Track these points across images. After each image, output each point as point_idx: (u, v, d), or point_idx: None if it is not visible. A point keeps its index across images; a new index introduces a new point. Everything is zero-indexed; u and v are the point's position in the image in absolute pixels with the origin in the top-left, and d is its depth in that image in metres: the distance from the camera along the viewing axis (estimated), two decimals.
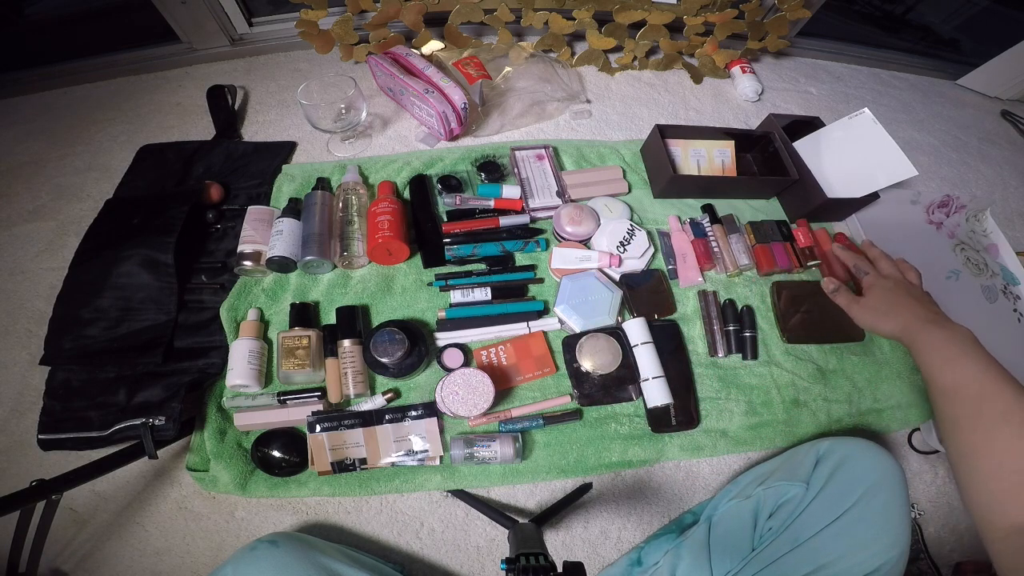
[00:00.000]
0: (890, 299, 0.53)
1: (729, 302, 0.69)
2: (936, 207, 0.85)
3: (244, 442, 0.58)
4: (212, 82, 0.90)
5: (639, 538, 0.59)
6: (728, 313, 0.68)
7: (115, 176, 0.79)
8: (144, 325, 0.63)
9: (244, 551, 0.46)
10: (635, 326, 0.62)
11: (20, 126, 0.89)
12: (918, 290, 0.56)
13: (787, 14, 0.94)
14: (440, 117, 0.77)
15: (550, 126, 0.90)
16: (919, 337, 0.49)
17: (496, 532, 0.58)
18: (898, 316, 0.52)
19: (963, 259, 0.81)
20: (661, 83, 1.01)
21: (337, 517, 0.58)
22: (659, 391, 0.59)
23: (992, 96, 1.19)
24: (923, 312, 0.51)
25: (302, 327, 0.61)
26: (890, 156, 0.72)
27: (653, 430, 0.61)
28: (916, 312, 0.51)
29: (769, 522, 0.50)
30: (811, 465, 0.51)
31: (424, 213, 0.72)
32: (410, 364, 0.58)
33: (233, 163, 0.79)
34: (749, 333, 0.67)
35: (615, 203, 0.75)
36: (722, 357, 0.66)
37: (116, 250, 0.66)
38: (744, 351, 0.67)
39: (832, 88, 1.10)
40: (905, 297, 0.53)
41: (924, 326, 0.49)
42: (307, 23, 0.87)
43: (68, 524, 0.56)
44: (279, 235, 0.65)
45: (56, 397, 0.59)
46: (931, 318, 0.50)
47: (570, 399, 0.61)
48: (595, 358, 0.59)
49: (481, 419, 0.58)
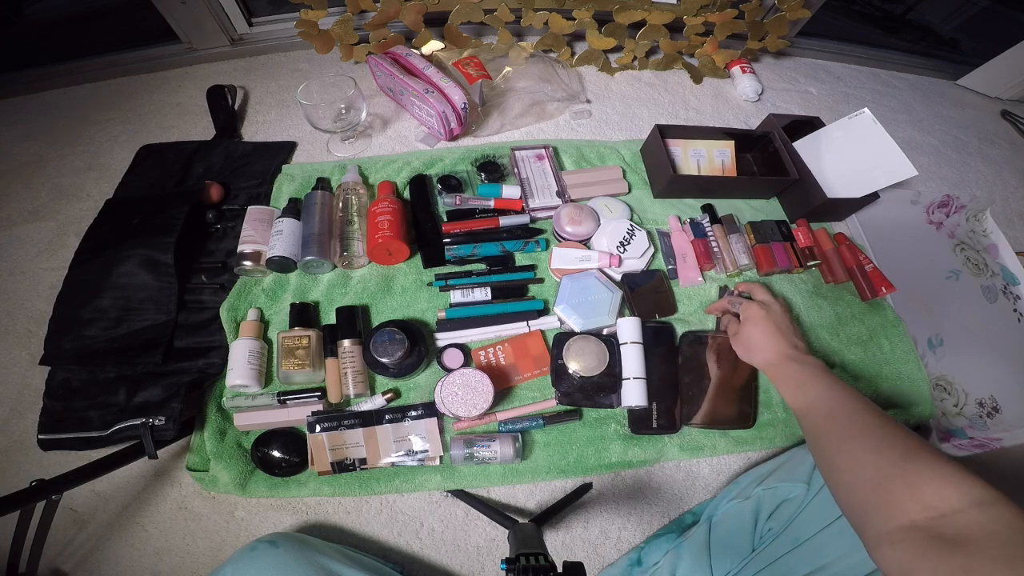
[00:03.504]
0: (757, 334, 0.57)
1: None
2: (936, 207, 0.85)
3: (244, 442, 0.58)
4: (212, 82, 0.90)
5: (639, 538, 0.59)
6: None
7: (115, 176, 0.79)
8: (144, 325, 0.63)
9: (244, 551, 0.46)
10: (627, 324, 0.62)
11: (20, 126, 0.89)
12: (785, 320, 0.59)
13: (787, 14, 0.94)
14: (440, 117, 0.77)
15: (550, 126, 0.90)
16: (781, 372, 0.54)
17: (496, 532, 0.58)
18: (763, 352, 0.56)
19: (963, 259, 0.81)
20: (661, 83, 1.01)
21: (337, 517, 0.58)
22: (636, 392, 0.58)
23: (992, 96, 1.19)
24: (784, 346, 0.55)
25: (302, 327, 0.61)
26: (890, 156, 0.72)
27: (632, 431, 0.61)
28: (779, 346, 0.55)
29: (769, 522, 0.50)
30: (811, 465, 0.51)
31: (424, 213, 0.72)
32: (410, 364, 0.58)
33: (233, 163, 0.79)
34: None
35: (615, 203, 0.75)
36: None
37: (116, 250, 0.66)
38: None
39: (832, 88, 1.10)
40: (772, 331, 0.57)
41: (786, 361, 0.54)
42: (307, 23, 0.87)
43: (68, 524, 0.56)
44: (279, 235, 0.65)
45: (56, 397, 0.59)
46: (791, 353, 0.54)
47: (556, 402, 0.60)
48: (581, 359, 0.58)
49: (464, 424, 0.58)
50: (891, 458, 0.39)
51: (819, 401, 0.48)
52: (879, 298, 0.73)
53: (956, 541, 0.32)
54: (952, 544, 0.32)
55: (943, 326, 0.73)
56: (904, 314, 0.73)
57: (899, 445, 0.39)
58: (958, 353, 0.71)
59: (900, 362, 0.69)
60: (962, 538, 0.32)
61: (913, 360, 0.69)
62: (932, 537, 0.33)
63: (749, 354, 0.59)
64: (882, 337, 0.70)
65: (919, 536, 0.33)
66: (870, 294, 0.72)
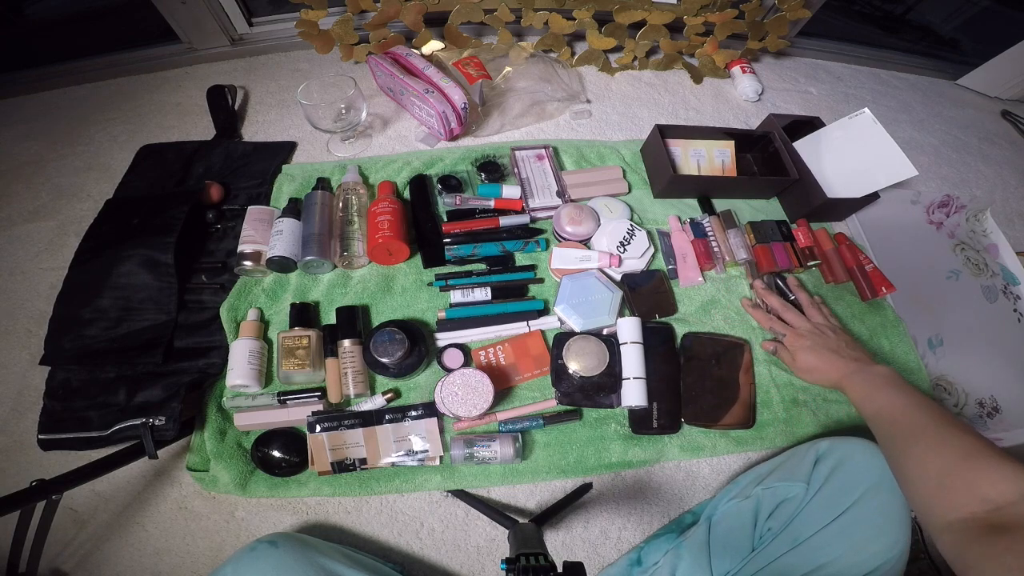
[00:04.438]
0: (813, 360, 0.60)
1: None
2: (936, 207, 0.85)
3: (244, 442, 0.58)
4: (212, 82, 0.90)
5: (639, 538, 0.59)
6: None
7: (115, 176, 0.79)
8: (144, 325, 0.63)
9: (244, 551, 0.46)
10: (627, 324, 0.62)
11: (20, 126, 0.89)
12: (834, 338, 0.61)
13: (787, 14, 0.94)
14: (440, 117, 0.77)
15: (550, 126, 0.90)
16: (847, 385, 0.56)
17: (496, 532, 0.58)
18: (826, 373, 0.59)
19: (963, 259, 0.81)
20: (661, 83, 1.01)
21: (337, 517, 0.58)
22: (636, 392, 0.58)
23: (992, 96, 1.19)
24: (844, 364, 0.58)
25: (302, 327, 0.61)
26: (890, 156, 0.72)
27: (634, 431, 0.61)
28: (837, 365, 0.58)
29: (768, 522, 0.50)
30: (811, 465, 0.51)
31: (424, 213, 0.72)
32: (410, 364, 0.58)
33: (233, 163, 0.79)
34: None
35: (615, 203, 0.75)
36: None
37: (116, 250, 0.66)
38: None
39: (832, 88, 1.10)
40: (825, 353, 0.60)
41: (849, 376, 0.56)
42: (307, 23, 0.87)
43: (68, 524, 0.56)
44: (279, 235, 0.65)
45: (56, 397, 0.59)
46: (853, 368, 0.57)
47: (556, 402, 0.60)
48: (581, 359, 0.58)
49: (464, 424, 0.58)
50: (952, 458, 0.42)
51: (884, 408, 0.51)
52: (879, 298, 0.73)
53: (1006, 527, 0.36)
54: (1002, 530, 0.36)
55: (943, 326, 0.74)
56: (904, 314, 0.73)
57: (959, 444, 0.43)
58: (958, 353, 0.72)
59: (900, 362, 0.69)
60: (1012, 525, 0.36)
61: (913, 360, 0.69)
62: (986, 526, 0.37)
63: (813, 378, 0.61)
64: (882, 337, 0.70)
65: (976, 525, 0.37)
66: (870, 294, 0.72)
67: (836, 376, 0.58)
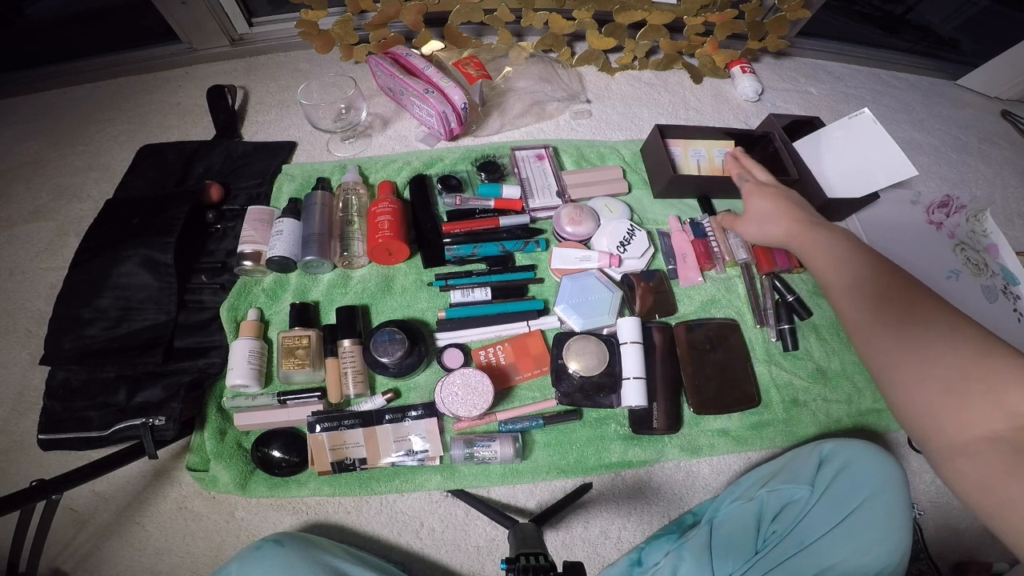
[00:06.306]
0: (769, 205, 0.52)
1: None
2: (936, 207, 0.85)
3: (244, 442, 0.58)
4: (212, 82, 0.90)
5: (639, 538, 0.59)
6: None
7: (115, 176, 0.79)
8: (144, 325, 0.63)
9: (249, 549, 0.46)
10: (627, 324, 0.62)
11: (20, 126, 0.89)
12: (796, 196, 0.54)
13: (787, 14, 0.94)
14: (440, 117, 0.77)
15: (550, 126, 0.90)
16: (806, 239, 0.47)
17: (496, 532, 0.58)
18: (780, 220, 0.51)
19: (963, 259, 0.81)
20: (661, 83, 1.01)
21: (337, 517, 0.58)
22: (636, 392, 0.58)
23: (992, 96, 1.19)
24: (804, 215, 0.50)
25: (302, 327, 0.61)
26: (890, 156, 0.72)
27: (633, 431, 0.61)
28: (797, 215, 0.50)
29: (773, 525, 0.50)
30: (814, 467, 0.51)
31: (424, 213, 0.72)
32: (410, 364, 0.58)
33: (233, 163, 0.79)
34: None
35: (615, 203, 0.75)
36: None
37: (116, 250, 0.66)
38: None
39: (832, 88, 1.10)
40: (784, 201, 0.52)
41: (808, 228, 0.48)
42: (307, 23, 0.87)
43: (68, 524, 0.56)
44: (279, 235, 0.65)
45: (56, 397, 0.59)
46: (814, 220, 0.49)
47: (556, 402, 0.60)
48: (581, 359, 0.58)
49: (464, 424, 0.58)
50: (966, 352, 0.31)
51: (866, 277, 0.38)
52: None
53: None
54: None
55: None
56: None
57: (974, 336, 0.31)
58: None
59: None
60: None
61: None
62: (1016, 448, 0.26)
63: (765, 227, 0.52)
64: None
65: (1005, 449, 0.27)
66: None
67: (793, 225, 0.48)
